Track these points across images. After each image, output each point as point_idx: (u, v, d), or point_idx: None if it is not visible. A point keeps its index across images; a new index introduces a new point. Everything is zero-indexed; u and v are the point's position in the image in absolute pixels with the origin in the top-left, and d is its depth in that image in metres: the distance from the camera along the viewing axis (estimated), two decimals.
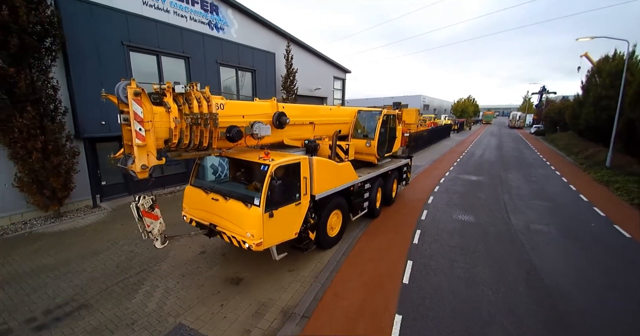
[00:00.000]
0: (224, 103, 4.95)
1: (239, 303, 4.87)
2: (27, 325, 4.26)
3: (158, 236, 4.48)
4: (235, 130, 4.85)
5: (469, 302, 4.93)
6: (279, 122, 5.79)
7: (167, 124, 4.21)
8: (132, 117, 3.79)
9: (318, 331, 4.28)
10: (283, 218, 5.09)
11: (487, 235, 7.61)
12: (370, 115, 8.56)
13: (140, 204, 4.25)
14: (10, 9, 6.62)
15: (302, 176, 5.44)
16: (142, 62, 10.32)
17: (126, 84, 3.80)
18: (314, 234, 5.98)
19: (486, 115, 73.41)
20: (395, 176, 9.62)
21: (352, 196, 7.19)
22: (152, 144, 4.03)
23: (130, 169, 4.04)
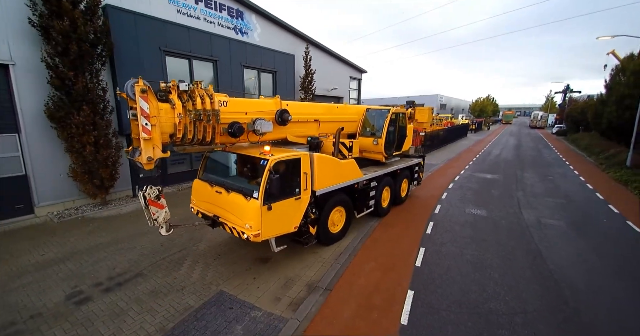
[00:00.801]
0: (227, 101, 5.18)
1: (269, 277, 5.55)
2: (96, 288, 5.11)
3: (163, 224, 4.77)
4: (236, 126, 5.07)
5: (476, 282, 5.42)
6: (281, 119, 5.93)
7: (172, 120, 4.49)
8: (139, 113, 4.05)
9: (338, 304, 4.89)
10: (282, 211, 5.25)
11: (498, 227, 7.99)
12: (379, 113, 8.56)
13: (147, 193, 4.53)
14: (70, 20, 7.61)
15: (303, 172, 5.56)
16: (176, 65, 11.27)
17: (134, 82, 4.09)
18: (314, 229, 6.11)
19: (506, 115, 71.56)
20: (405, 175, 9.52)
21: (357, 194, 7.26)
22: (157, 138, 4.29)
23: (137, 161, 4.34)
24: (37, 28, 7.65)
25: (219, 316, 4.47)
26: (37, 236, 7.09)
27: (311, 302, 4.86)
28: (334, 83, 21.36)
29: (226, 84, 13.01)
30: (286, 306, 4.76)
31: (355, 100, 25.16)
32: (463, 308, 4.72)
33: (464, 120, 43.93)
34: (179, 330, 4.17)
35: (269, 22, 15.67)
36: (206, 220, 5.87)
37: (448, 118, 38.45)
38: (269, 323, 4.36)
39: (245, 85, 14.24)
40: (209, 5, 12.54)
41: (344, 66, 22.72)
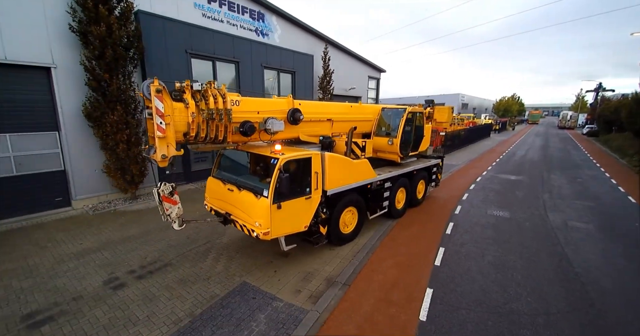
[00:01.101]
0: (240, 100, 5.21)
1: (289, 270, 5.72)
2: (130, 275, 5.47)
3: (176, 219, 4.91)
4: (248, 125, 5.12)
5: (497, 282, 5.35)
6: (293, 118, 5.94)
7: (186, 118, 4.56)
8: (154, 112, 4.16)
9: (357, 298, 4.98)
10: (292, 210, 5.25)
11: (522, 229, 7.77)
12: (395, 112, 8.34)
13: (161, 190, 4.67)
14: (106, 26, 8.14)
15: (314, 171, 5.52)
16: (200, 67, 11.73)
17: (150, 82, 4.20)
18: (325, 229, 6.10)
19: (532, 115, 68.60)
20: (422, 176, 9.24)
21: (370, 194, 7.17)
22: (171, 136, 4.40)
23: (152, 158, 4.42)
24: (76, 33, 8.24)
25: (242, 305, 4.69)
26: (74, 227, 7.64)
27: (330, 296, 4.98)
28: (352, 83, 21.37)
29: (247, 85, 13.39)
30: (306, 298, 4.91)
31: (374, 99, 25.05)
32: (483, 308, 4.69)
33: (486, 120, 42.58)
34: (207, 316, 4.42)
35: (289, 23, 15.94)
36: (218, 217, 5.97)
37: (470, 118, 37.40)
38: (290, 314, 4.52)
39: (265, 86, 14.58)
40: (232, 9, 12.95)
41: (363, 65, 22.68)
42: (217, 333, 4.10)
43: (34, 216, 8.33)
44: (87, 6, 7.95)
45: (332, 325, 4.33)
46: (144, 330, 4.14)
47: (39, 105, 8.36)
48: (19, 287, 5.04)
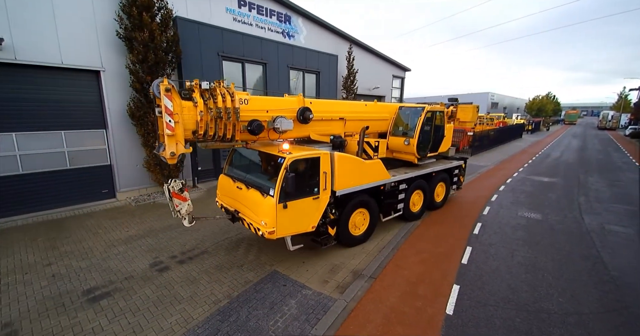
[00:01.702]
0: (248, 99, 5.23)
1: (316, 262, 5.97)
2: (172, 259, 5.98)
3: (186, 215, 5.04)
4: (255, 124, 5.12)
5: (526, 282, 5.29)
6: (303, 117, 5.87)
7: (194, 117, 4.64)
8: (163, 110, 4.26)
9: (383, 290, 5.13)
10: (298, 210, 5.21)
11: (554, 231, 7.54)
12: (414, 111, 7.99)
13: (171, 186, 4.79)
14: (149, 32, 8.82)
15: (322, 171, 5.44)
16: (231, 69, 12.31)
17: (159, 81, 4.29)
18: (334, 230, 6.01)
19: (569, 115, 64.57)
20: (441, 178, 8.86)
21: (383, 196, 6.98)
22: (180, 134, 4.48)
23: (161, 155, 4.53)
24: (122, 39, 9.00)
25: (274, 290, 5.00)
26: (120, 216, 8.36)
27: (357, 287, 5.18)
28: (376, 82, 21.33)
29: (273, 85, 13.84)
30: (334, 288, 5.13)
31: (398, 99, 24.80)
32: (511, 305, 4.68)
33: (518, 120, 40.69)
34: (243, 298, 4.77)
35: (314, 24, 16.23)
36: (227, 215, 6.09)
37: (500, 118, 35.93)
38: (319, 301, 4.76)
39: (290, 86, 14.98)
40: (261, 12, 13.44)
41: (387, 64, 22.54)
42: (253, 314, 4.43)
43: (84, 205, 9.20)
44: (132, 14, 8.66)
45: (359, 313, 4.52)
46: (188, 307, 4.56)
47: (89, 105, 9.21)
48: (78, 266, 5.67)
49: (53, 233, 7.11)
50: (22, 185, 8.26)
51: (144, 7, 8.75)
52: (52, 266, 5.67)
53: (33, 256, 6.02)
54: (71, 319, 4.30)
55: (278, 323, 4.28)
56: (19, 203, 8.22)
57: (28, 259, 5.94)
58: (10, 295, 4.84)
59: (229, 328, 4.17)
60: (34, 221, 7.98)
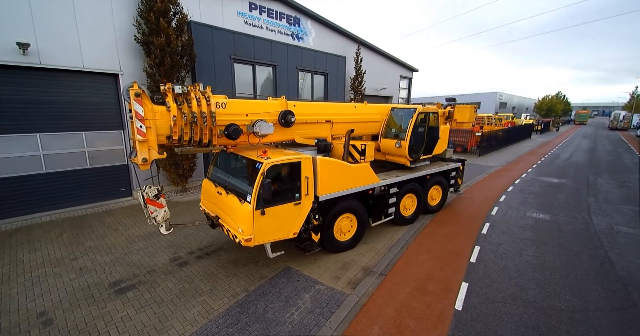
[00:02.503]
0: (226, 102, 5.12)
1: (328, 259, 6.18)
2: (190, 255, 6.25)
3: (162, 223, 4.95)
4: (232, 128, 4.97)
5: (534, 280, 5.42)
6: (285, 121, 5.72)
7: (168, 122, 4.51)
8: (133, 115, 4.19)
9: (394, 286, 5.32)
10: (278, 217, 5.09)
11: (563, 232, 7.61)
12: (407, 113, 7.75)
13: (145, 193, 4.69)
14: (166, 36, 9.14)
15: (304, 176, 5.29)
16: (242, 71, 12.60)
17: (129, 86, 4.21)
18: (317, 236, 5.85)
19: (579, 114, 63.57)
20: (436, 181, 8.58)
21: (372, 200, 6.84)
22: (153, 140, 4.41)
23: (133, 161, 4.46)
24: (140, 43, 9.34)
25: (289, 285, 5.23)
26: (138, 214, 8.68)
27: (368, 283, 5.37)
28: (384, 82, 21.44)
29: (283, 87, 14.10)
30: (345, 284, 5.34)
31: (405, 99, 24.87)
32: (519, 302, 4.83)
33: (527, 120, 40.29)
34: (259, 292, 5.01)
35: (322, 26, 16.45)
36: (208, 221, 6.04)
37: (509, 118, 35.64)
38: (332, 296, 4.97)
39: (299, 88, 15.22)
40: (271, 15, 13.71)
41: (394, 65, 22.64)
42: (270, 307, 4.67)
43: (103, 203, 9.57)
44: (150, 19, 8.98)
45: (371, 308, 4.72)
46: (209, 299, 4.82)
47: (108, 107, 9.57)
48: (103, 261, 5.99)
49: (76, 230, 7.46)
50: (46, 183, 8.65)
51: (161, 13, 9.08)
52: (78, 261, 6.00)
53: (60, 251, 6.36)
54: (101, 309, 4.59)
55: (294, 316, 4.50)
56: (43, 200, 8.62)
57: (55, 254, 6.27)
58: (42, 286, 5.16)
59: (248, 319, 4.41)
60: (57, 218, 8.36)
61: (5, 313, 4.50)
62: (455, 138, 21.66)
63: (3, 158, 7.91)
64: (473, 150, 20.86)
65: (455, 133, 21.82)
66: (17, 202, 8.22)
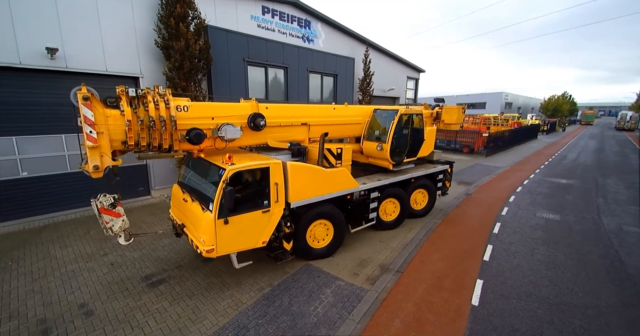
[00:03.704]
0: (189, 105, 4.90)
1: (345, 257, 6.42)
2: None
3: (121, 233, 4.75)
4: (194, 133, 4.72)
5: (547, 278, 5.62)
6: (254, 124, 5.43)
7: (122, 127, 4.31)
8: (82, 120, 3.98)
9: (411, 283, 5.55)
10: (244, 225, 4.88)
11: (573, 232, 7.79)
12: (390, 114, 7.42)
13: (99, 202, 4.47)
14: (185, 40, 9.44)
15: (273, 182, 5.08)
16: (255, 73, 12.87)
17: (77, 89, 4.01)
18: (290, 244, 5.62)
19: (586, 115, 63.17)
20: (421, 185, 8.30)
21: (351, 205, 6.57)
22: (105, 146, 4.21)
23: (83, 169, 4.26)
24: (160, 48, 9.65)
25: (310, 281, 5.48)
26: (158, 212, 9.00)
27: (386, 279, 5.61)
28: (391, 83, 21.63)
29: (294, 88, 14.36)
30: (364, 280, 5.58)
31: (412, 100, 25.02)
32: (533, 298, 5.04)
33: (533, 121, 40.20)
34: (283, 287, 5.28)
35: (332, 28, 16.69)
36: (172, 229, 5.82)
37: (515, 119, 35.60)
38: (352, 291, 5.22)
39: (309, 89, 15.48)
40: (283, 18, 13.98)
41: (401, 66, 22.82)
42: (294, 300, 4.92)
43: (123, 202, 9.86)
44: (170, 24, 9.29)
45: (391, 303, 4.96)
46: (236, 293, 5.10)
47: None
48: (132, 256, 6.29)
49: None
50: (70, 182, 8.99)
51: (180, 18, 9.38)
52: (108, 256, 6.31)
53: (90, 247, 6.68)
54: (137, 301, 4.88)
55: (318, 309, 4.76)
56: (67, 199, 8.95)
57: (85, 249, 6.59)
58: (78, 280, 5.47)
59: (275, 311, 4.68)
60: (80, 215, 8.70)
61: (47, 305, 4.81)
62: (462, 138, 21.82)
63: (32, 158, 8.26)
64: (480, 150, 20.98)
65: (462, 134, 21.98)
66: (42, 200, 8.57)
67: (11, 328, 4.28)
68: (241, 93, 11.93)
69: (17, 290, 5.16)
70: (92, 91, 4.09)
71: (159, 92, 4.59)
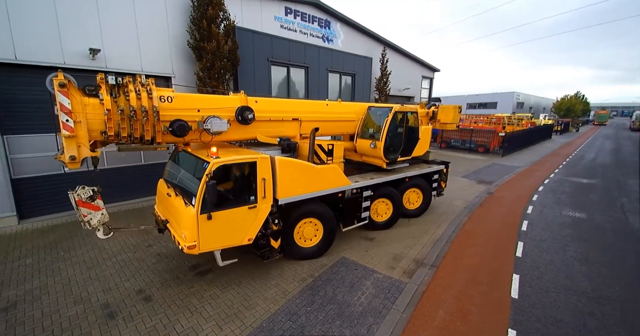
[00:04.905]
0: (173, 96, 4.73)
1: (378, 251, 6.60)
2: None
3: (100, 226, 4.61)
4: (177, 124, 4.56)
5: (582, 273, 5.74)
6: (242, 117, 5.27)
7: (102, 116, 4.17)
8: (58, 108, 3.85)
9: (447, 277, 5.71)
10: (228, 221, 4.73)
11: (601, 230, 7.84)
12: (385, 112, 7.35)
13: (77, 194, 4.29)
14: (216, 41, 9.73)
15: (260, 177, 4.93)
16: (278, 73, 13.15)
17: (53, 75, 3.85)
18: (277, 242, 5.46)
19: (599, 115, 62.15)
20: (414, 184, 8.20)
21: (342, 204, 6.45)
22: (83, 136, 4.05)
23: (59, 159, 4.11)
24: (191, 48, 9.96)
25: (349, 273, 5.69)
26: None
27: (422, 273, 5.78)
28: (407, 83, 21.71)
29: (314, 87, 14.59)
30: (401, 273, 5.76)
31: (426, 99, 25.04)
32: (571, 292, 5.16)
33: (546, 121, 39.76)
34: (324, 278, 5.49)
35: (350, 28, 16.87)
36: (156, 224, 5.67)
37: (529, 118, 35.27)
38: (392, 283, 5.41)
39: (329, 88, 15.69)
40: (304, 19, 14.22)
41: (417, 65, 22.88)
42: (337, 291, 5.14)
43: (151, 198, 10.23)
44: (202, 26, 9.60)
45: (431, 295, 5.14)
46: (281, 282, 5.33)
47: None
48: (175, 248, 6.53)
49: (139, 220, 8.11)
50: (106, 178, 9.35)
51: (211, 19, 9.67)
52: (153, 247, 6.61)
53: (134, 239, 7.00)
54: (189, 288, 5.16)
55: (361, 299, 4.96)
56: (106, 193, 9.31)
57: (130, 241, 6.91)
58: (130, 269, 5.77)
59: (321, 300, 4.89)
60: (118, 210, 9.06)
61: (107, 290, 5.11)
62: (477, 138, 21.78)
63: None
64: (495, 150, 20.92)
65: (478, 134, 21.95)
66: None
67: (78, 312, 4.59)
68: (265, 93, 12.22)
69: (75, 277, 5.48)
70: (69, 78, 3.97)
71: (141, 81, 4.45)
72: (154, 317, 4.47)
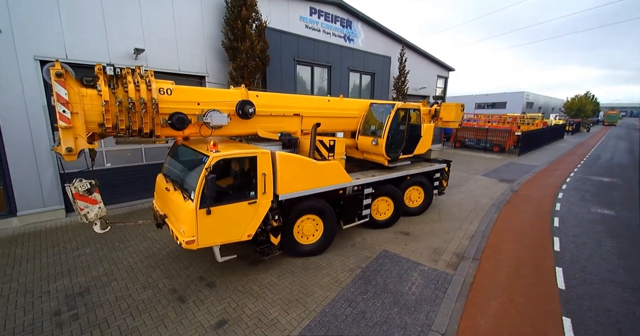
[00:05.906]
0: (173, 88, 4.68)
1: (417, 245, 6.82)
2: None
3: (97, 220, 4.52)
4: (177, 117, 4.51)
5: (622, 267, 5.91)
6: (242, 112, 5.22)
7: (100, 108, 4.12)
8: (55, 98, 3.79)
9: (491, 270, 5.91)
10: (227, 217, 4.70)
11: (632, 227, 7.98)
12: (387, 109, 7.29)
13: (74, 187, 4.24)
14: (250, 41, 10.00)
15: (261, 172, 4.88)
16: (303, 72, 13.41)
17: (50, 65, 3.79)
18: (277, 239, 5.46)
19: (609, 115, 61.59)
20: (416, 182, 8.16)
21: (343, 201, 6.39)
22: (80, 127, 4.00)
23: (56, 151, 4.06)
24: (225, 49, 10.23)
25: (394, 265, 5.91)
26: None
27: (466, 266, 5.99)
28: (423, 82, 21.84)
29: (336, 86, 14.82)
30: (445, 266, 5.98)
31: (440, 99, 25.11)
32: (615, 284, 5.34)
33: (557, 121, 39.59)
34: (372, 269, 5.73)
35: (370, 28, 17.05)
36: (154, 219, 5.62)
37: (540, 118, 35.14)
38: (438, 275, 5.63)
39: (350, 86, 15.91)
40: (328, 19, 14.44)
41: (433, 65, 22.97)
42: (388, 281, 5.37)
43: None
44: (236, 26, 9.87)
45: (479, 286, 5.35)
46: (330, 272, 5.58)
47: None
48: None
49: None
50: (145, 173, 9.67)
51: (245, 20, 9.94)
52: None
53: None
54: (247, 276, 5.42)
55: (412, 289, 5.19)
56: (144, 189, 9.62)
57: None
58: (187, 258, 6.04)
59: (375, 289, 5.13)
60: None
61: (170, 277, 5.40)
62: (492, 137, 21.85)
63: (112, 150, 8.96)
64: (511, 149, 20.99)
65: (493, 133, 22.01)
66: (127, 188, 9.27)
67: (149, 296, 4.88)
68: (291, 92, 12.47)
69: (137, 265, 5.78)
70: (66, 68, 3.90)
71: (140, 72, 4.37)
72: (222, 301, 4.75)
